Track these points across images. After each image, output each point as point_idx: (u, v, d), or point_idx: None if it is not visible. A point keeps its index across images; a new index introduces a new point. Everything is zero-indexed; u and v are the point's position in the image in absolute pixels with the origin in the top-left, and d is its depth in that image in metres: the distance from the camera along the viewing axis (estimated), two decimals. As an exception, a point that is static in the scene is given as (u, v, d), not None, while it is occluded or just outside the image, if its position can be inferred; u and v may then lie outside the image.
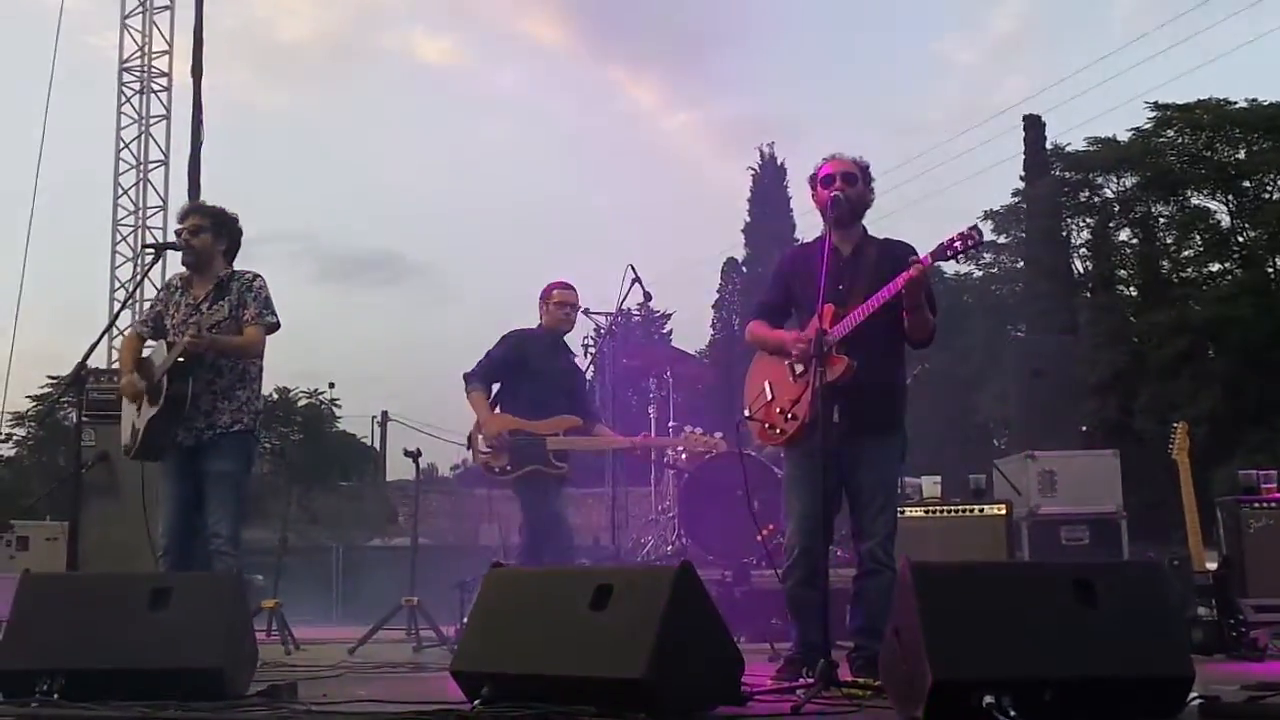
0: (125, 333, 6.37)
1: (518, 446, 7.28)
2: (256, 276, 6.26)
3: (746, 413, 5.66)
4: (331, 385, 29.73)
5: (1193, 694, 3.79)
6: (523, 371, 7.49)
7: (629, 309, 10.09)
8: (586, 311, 9.88)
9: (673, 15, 71.54)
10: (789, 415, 5.39)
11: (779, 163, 42.22)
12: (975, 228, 5.00)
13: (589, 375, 8.51)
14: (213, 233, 6.27)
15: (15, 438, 28.72)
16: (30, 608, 4.66)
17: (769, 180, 42.09)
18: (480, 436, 7.41)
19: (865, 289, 5.22)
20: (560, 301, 7.61)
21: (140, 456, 6.22)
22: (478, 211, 69.52)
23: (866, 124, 61.72)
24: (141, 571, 6.78)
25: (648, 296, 9.36)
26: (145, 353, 6.33)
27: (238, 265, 6.37)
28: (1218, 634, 6.56)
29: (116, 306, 16.67)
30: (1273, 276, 34.34)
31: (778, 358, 5.53)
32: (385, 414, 29.80)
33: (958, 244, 5.01)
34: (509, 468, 7.31)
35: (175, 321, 6.20)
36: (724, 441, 7.20)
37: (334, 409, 30.07)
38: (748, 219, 42.35)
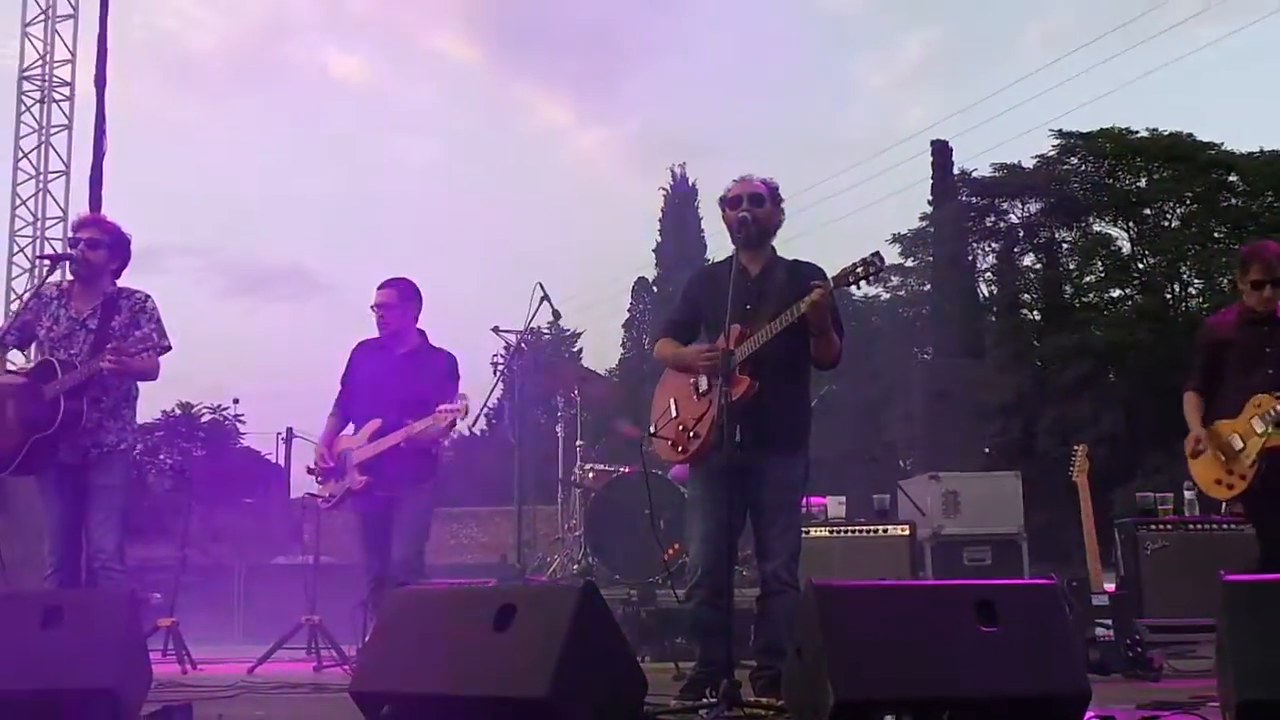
0: None
1: (340, 469, 6.86)
2: (148, 298, 6.17)
3: (652, 429, 5.67)
4: (236, 401, 29.41)
5: (1089, 714, 3.83)
6: (354, 387, 7.05)
7: (538, 327, 10.07)
8: (496, 329, 9.84)
9: (585, 33, 71.69)
10: (691, 433, 5.40)
11: (690, 183, 42.43)
12: (877, 254, 5.03)
13: (496, 393, 8.29)
14: (109, 249, 6.17)
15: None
16: (-85, 627, 4.54)
17: (680, 200, 42.25)
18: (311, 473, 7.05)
19: (772, 310, 5.24)
20: (374, 304, 6.94)
21: (20, 473, 6.09)
22: (386, 228, 68.91)
23: (777, 145, 62.16)
24: (32, 589, 6.62)
25: (556, 315, 9.33)
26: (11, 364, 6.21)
27: (132, 277, 6.30)
28: (1115, 654, 6.64)
29: (12, 319, 16.35)
30: (1171, 302, 35.11)
31: (684, 375, 5.54)
32: (290, 430, 29.45)
33: (859, 270, 5.04)
34: (331, 494, 6.92)
35: (55, 335, 6.09)
36: (466, 405, 6.46)
37: (238, 425, 29.71)
38: (659, 239, 42.50)
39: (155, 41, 59.42)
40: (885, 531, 9.00)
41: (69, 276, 6.30)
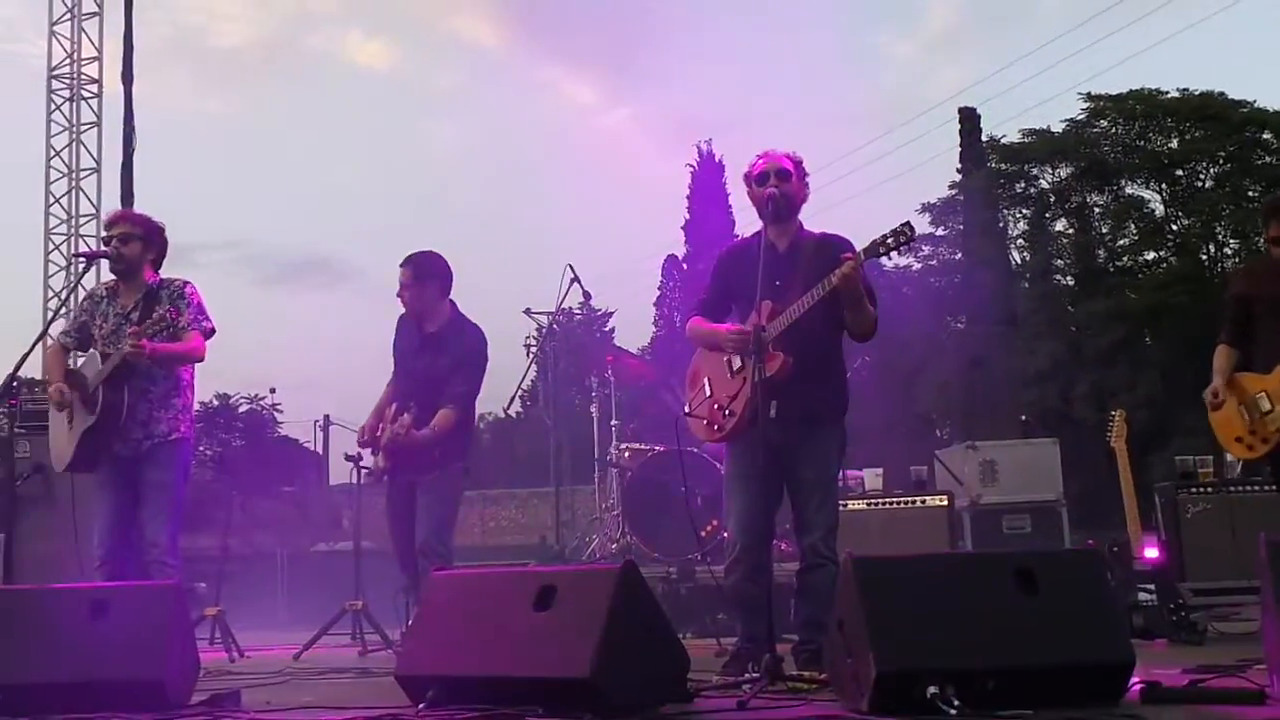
0: (49, 344, 6.28)
1: (374, 444, 6.80)
2: (187, 284, 6.22)
3: (687, 409, 5.68)
4: (273, 390, 29.56)
5: (1134, 679, 3.83)
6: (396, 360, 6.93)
7: (569, 308, 10.07)
8: (528, 312, 9.87)
9: (609, 12, 71.49)
10: (727, 411, 5.41)
11: (717, 159, 42.23)
12: (907, 224, 5.02)
13: (530, 375, 8.27)
14: (142, 241, 6.22)
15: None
16: (-35, 623, 4.60)
17: (707, 177, 42.09)
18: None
19: (801, 284, 5.23)
20: (399, 282, 6.74)
21: (74, 469, 6.16)
22: (415, 213, 69.10)
23: (803, 118, 61.89)
24: (79, 583, 6.70)
25: (587, 295, 9.35)
26: (74, 363, 6.27)
27: (166, 273, 6.32)
28: (1158, 619, 6.63)
29: (50, 316, 16.54)
30: (1206, 264, 34.82)
31: (717, 353, 5.54)
32: (327, 418, 29.60)
33: (890, 240, 5.02)
34: (379, 469, 6.80)
35: (104, 331, 6.15)
36: (407, 416, 6.33)
37: (275, 414, 29.87)
38: (687, 216, 42.38)
39: (180, 36, 59.69)
40: (923, 502, 8.98)
41: (110, 275, 6.36)
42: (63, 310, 13.06)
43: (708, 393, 5.56)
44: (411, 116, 74.98)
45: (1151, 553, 6.89)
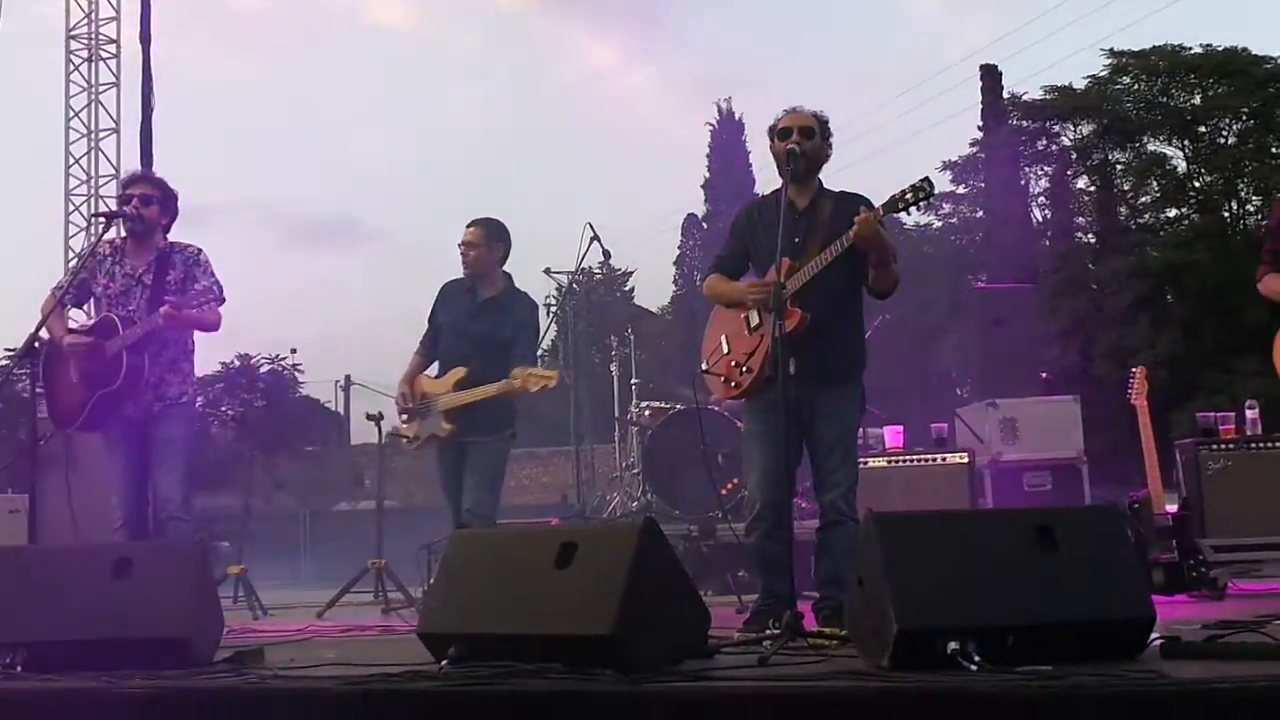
0: (45, 300, 6.27)
1: (423, 412, 6.88)
2: (200, 251, 6.27)
3: (704, 367, 5.68)
4: (293, 351, 29.59)
5: (1154, 635, 3.83)
6: (439, 327, 7.04)
7: (589, 268, 10.07)
8: (548, 271, 9.86)
9: (628, -30, 70.98)
10: (744, 368, 5.41)
11: (737, 117, 41.97)
12: (926, 179, 5.01)
13: (550, 334, 8.31)
14: (160, 204, 6.25)
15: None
16: (-9, 581, 4.63)
17: (727, 135, 41.87)
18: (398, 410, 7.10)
19: (820, 242, 5.23)
20: (461, 241, 6.88)
21: (84, 428, 6.21)
22: (435, 174, 69.02)
23: (824, 76, 61.53)
24: (102, 542, 6.75)
25: (607, 255, 9.33)
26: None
27: (182, 234, 6.39)
28: (1178, 575, 6.63)
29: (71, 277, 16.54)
30: (1229, 221, 34.57)
31: (735, 311, 5.55)
32: (348, 378, 29.74)
33: (909, 195, 5.02)
34: (415, 437, 6.95)
35: (111, 292, 6.18)
36: (556, 374, 6.47)
37: (296, 374, 29.94)
38: (707, 174, 42.23)
39: (198, -5, 59.46)
40: (944, 460, 8.97)
41: (122, 233, 6.38)
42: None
43: (725, 350, 5.57)
44: (432, 76, 74.67)
45: (1171, 508, 6.88)
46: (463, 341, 6.79)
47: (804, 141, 5.40)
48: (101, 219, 6.81)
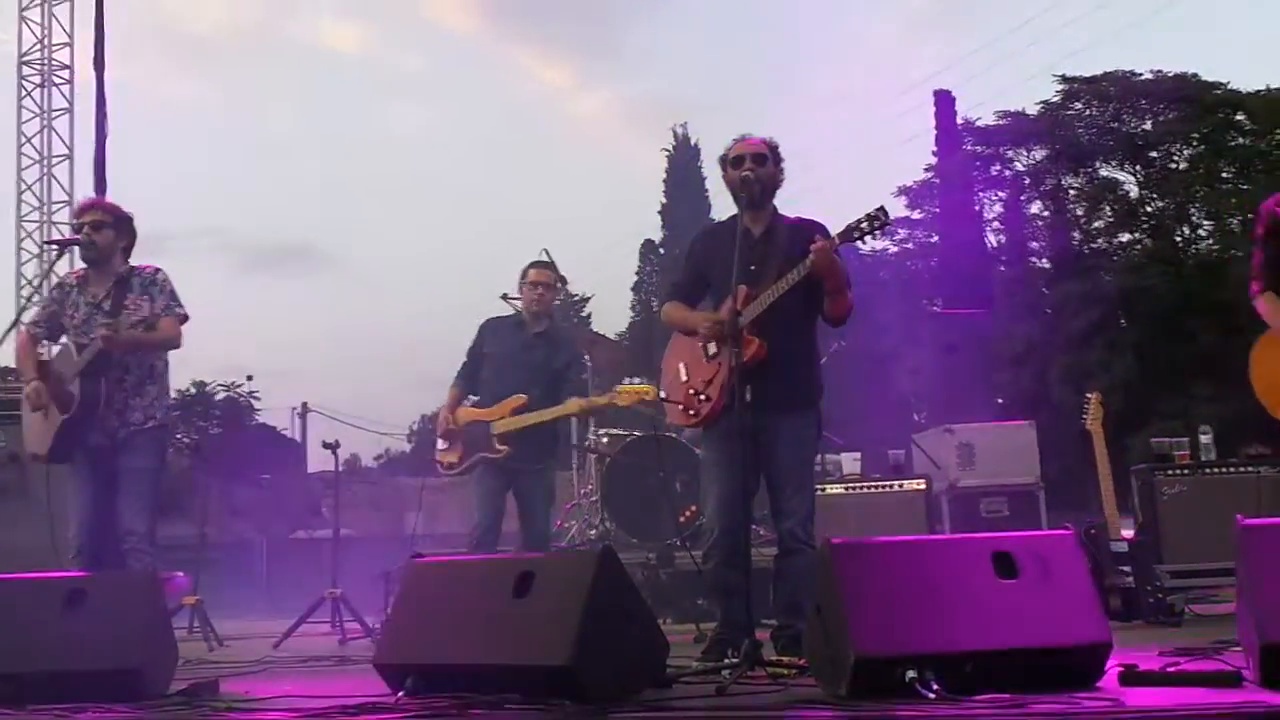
0: (18, 336, 6.23)
1: (469, 437, 7.16)
2: (158, 270, 6.22)
3: (663, 394, 5.69)
4: (250, 378, 29.49)
5: (1112, 662, 3.84)
6: (485, 359, 7.35)
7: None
8: (505, 297, 9.82)
9: (583, -4, 71.25)
10: (702, 396, 5.42)
11: (693, 143, 42.30)
12: (882, 209, 5.03)
13: None
14: (114, 229, 6.20)
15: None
16: (-59, 614, 4.57)
17: (684, 160, 42.12)
18: (438, 436, 7.39)
19: (776, 270, 5.24)
20: (533, 281, 7.34)
21: (52, 459, 6.14)
22: (390, 199, 68.97)
23: (779, 100, 61.92)
24: (54, 573, 6.66)
25: (564, 280, 9.29)
26: (47, 354, 6.25)
27: (140, 258, 6.33)
28: (1135, 601, 6.66)
29: (22, 303, 16.43)
30: (1180, 245, 34.93)
31: (692, 338, 5.55)
32: (305, 405, 29.56)
33: (864, 225, 5.04)
34: (457, 462, 7.21)
35: (76, 321, 6.13)
36: (653, 389, 6.83)
37: (253, 401, 29.79)
38: (664, 200, 42.38)
39: (152, 21, 59.34)
40: (901, 486, 9.01)
41: (80, 263, 6.33)
42: (34, 298, 12.98)
43: (683, 377, 5.57)
44: (385, 101, 74.75)
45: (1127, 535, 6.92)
46: (518, 372, 7.17)
47: (757, 169, 5.41)
48: (54, 246, 6.76)
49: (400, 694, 4.01)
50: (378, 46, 73.50)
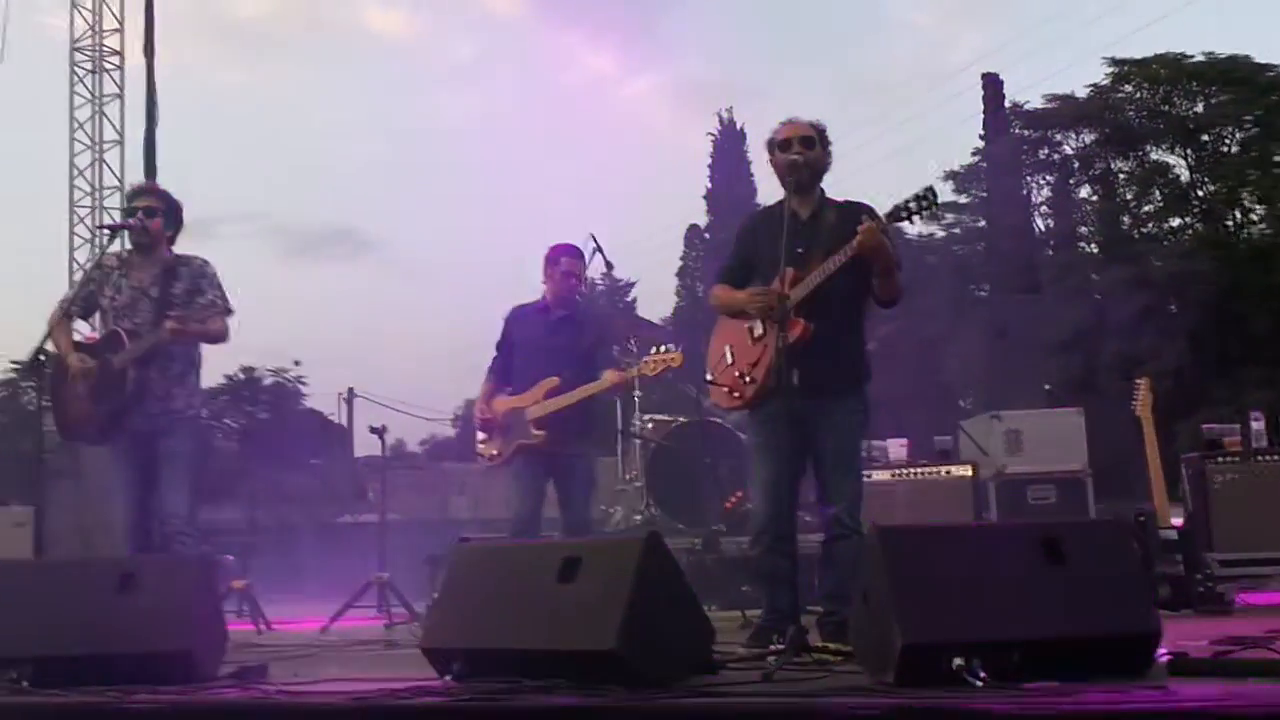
0: (52, 313, 6.26)
1: (506, 426, 7.09)
2: (206, 262, 6.28)
3: (709, 377, 5.67)
4: (297, 363, 29.67)
5: (1161, 650, 3.81)
6: (515, 348, 7.29)
7: (592, 279, 10.04)
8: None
9: (628, -19, 71.12)
10: (747, 378, 5.40)
11: (739, 127, 42.05)
12: (930, 188, 5.01)
13: None
14: (165, 216, 6.26)
15: (-22, 423, 28.47)
16: (-4, 596, 4.63)
17: (729, 145, 41.94)
18: (477, 429, 7.36)
19: (824, 252, 5.21)
20: (566, 271, 7.17)
21: (97, 442, 6.22)
22: (436, 184, 69.09)
23: (825, 86, 61.60)
24: (107, 556, 6.74)
25: (610, 266, 9.29)
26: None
27: (186, 245, 6.40)
28: (1185, 589, 6.60)
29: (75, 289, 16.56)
30: (1232, 230, 34.57)
31: (739, 321, 5.53)
32: (351, 390, 29.67)
33: (912, 205, 5.02)
34: (499, 454, 7.14)
35: (118, 304, 6.18)
36: (680, 355, 6.86)
37: (300, 386, 29.96)
38: (709, 185, 42.25)
39: (201, 7, 59.66)
40: (948, 473, 8.97)
41: (128, 246, 6.39)
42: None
43: (729, 360, 5.55)
44: (431, 86, 74.79)
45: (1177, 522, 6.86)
46: (545, 356, 7.08)
47: (805, 152, 5.39)
48: (106, 231, 6.82)
49: (447, 678, 4.03)
50: (424, 33, 73.64)
